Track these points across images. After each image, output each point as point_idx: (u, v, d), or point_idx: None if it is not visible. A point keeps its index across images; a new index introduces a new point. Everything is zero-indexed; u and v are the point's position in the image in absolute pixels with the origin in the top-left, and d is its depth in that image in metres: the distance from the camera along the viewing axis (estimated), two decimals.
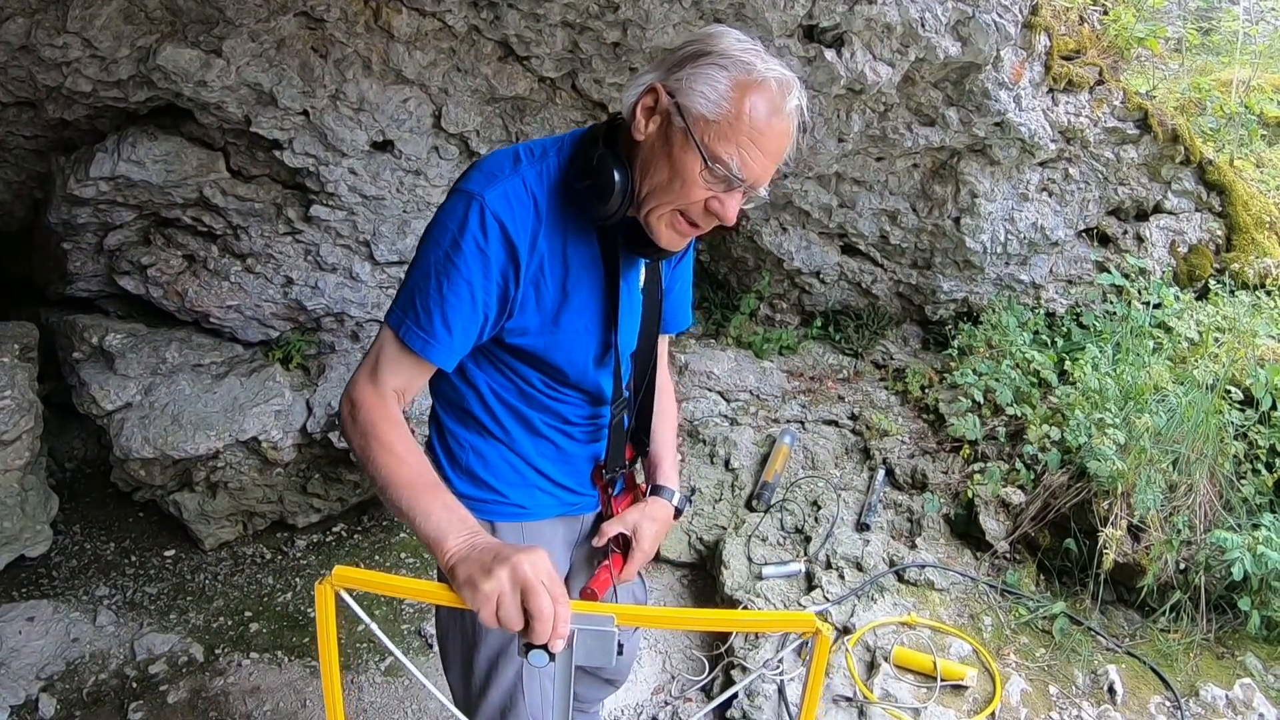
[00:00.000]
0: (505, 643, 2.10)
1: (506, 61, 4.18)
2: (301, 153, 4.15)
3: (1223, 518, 3.71)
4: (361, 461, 1.80)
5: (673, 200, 1.78)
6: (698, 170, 1.72)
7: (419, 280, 1.84)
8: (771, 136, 1.74)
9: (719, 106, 1.69)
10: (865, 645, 3.61)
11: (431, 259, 1.83)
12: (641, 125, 1.77)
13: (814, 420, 5.16)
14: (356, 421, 1.82)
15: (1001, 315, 5.06)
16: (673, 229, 1.84)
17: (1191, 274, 4.99)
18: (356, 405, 1.83)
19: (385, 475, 1.74)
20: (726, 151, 1.71)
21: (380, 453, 1.76)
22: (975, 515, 4.13)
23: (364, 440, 1.79)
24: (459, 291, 1.81)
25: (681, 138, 1.72)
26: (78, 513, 5.05)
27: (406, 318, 1.84)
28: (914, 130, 4.55)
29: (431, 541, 1.65)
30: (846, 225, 5.23)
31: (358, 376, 1.88)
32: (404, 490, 1.72)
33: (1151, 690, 3.47)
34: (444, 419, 2.16)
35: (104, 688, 3.82)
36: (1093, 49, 4.62)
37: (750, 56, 1.71)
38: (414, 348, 1.84)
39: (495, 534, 2.09)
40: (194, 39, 3.63)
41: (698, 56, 1.73)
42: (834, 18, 3.83)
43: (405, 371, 1.88)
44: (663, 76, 1.75)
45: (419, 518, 1.68)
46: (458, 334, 1.86)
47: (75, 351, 4.64)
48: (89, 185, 4.07)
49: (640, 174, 1.80)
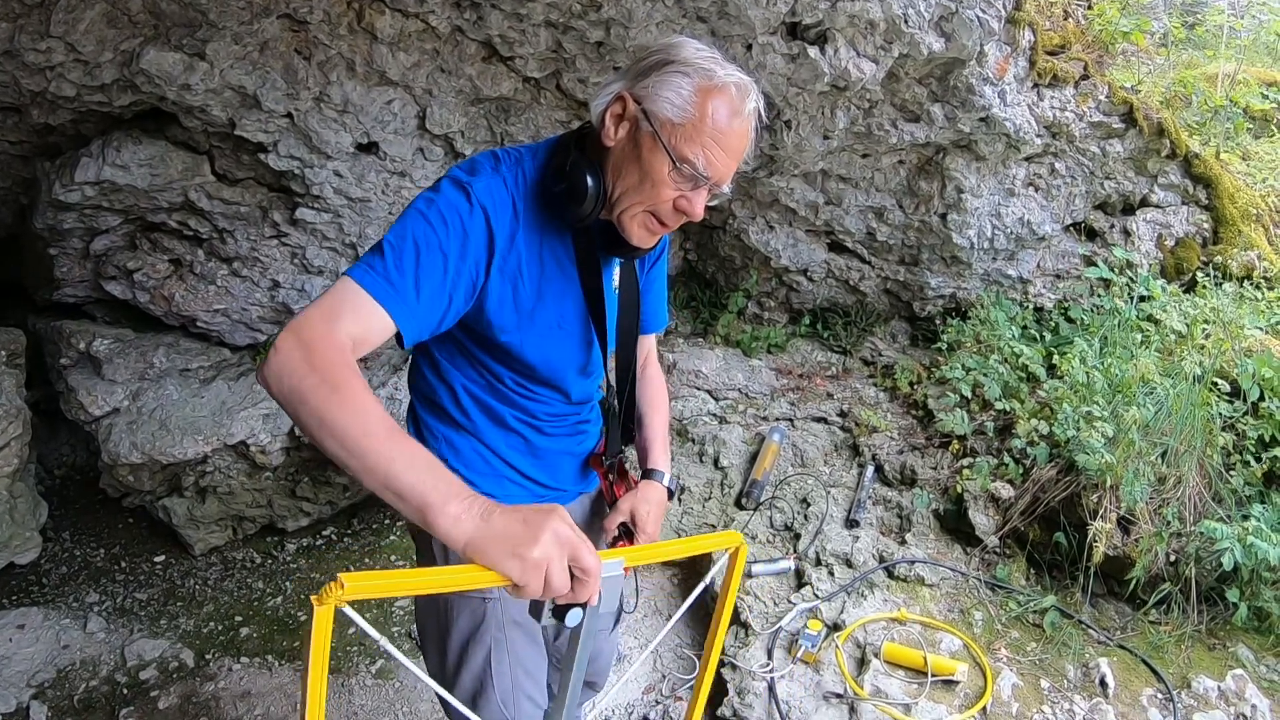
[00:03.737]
0: (474, 626, 2.14)
1: (490, 62, 4.18)
2: (286, 155, 4.15)
3: (1212, 509, 3.71)
4: (312, 411, 1.53)
5: (644, 200, 1.89)
6: (666, 171, 1.84)
7: (394, 241, 1.76)
8: (733, 137, 1.85)
9: (684, 111, 1.80)
10: (855, 642, 3.60)
11: (410, 225, 1.78)
12: (611, 131, 1.87)
13: (803, 418, 5.16)
14: (313, 364, 1.55)
15: (989, 310, 5.07)
16: (644, 228, 1.95)
17: (1179, 267, 5.00)
18: (311, 346, 1.57)
19: (347, 425, 1.51)
20: (692, 152, 1.82)
21: (343, 399, 1.53)
22: (965, 510, 4.13)
23: (319, 384, 1.53)
24: (434, 260, 1.77)
25: (650, 141, 1.83)
26: (67, 519, 5.03)
27: (374, 270, 1.72)
28: (899, 127, 4.55)
29: (422, 504, 1.45)
30: (833, 222, 5.24)
31: (309, 318, 1.64)
32: (374, 442, 1.50)
33: (1143, 682, 3.46)
34: (420, 412, 2.19)
35: (95, 694, 3.81)
36: (1077, 44, 4.63)
37: (710, 64, 1.83)
38: (378, 298, 1.69)
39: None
40: (177, 42, 3.63)
41: (662, 65, 1.84)
42: (817, 14, 3.84)
43: (364, 322, 1.69)
44: (629, 85, 1.86)
45: (401, 472, 1.48)
46: (424, 301, 1.76)
47: (63, 357, 4.63)
48: (74, 190, 4.06)
49: (612, 177, 1.90)
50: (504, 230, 1.88)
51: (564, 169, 1.89)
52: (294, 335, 1.59)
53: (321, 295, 1.71)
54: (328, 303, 1.67)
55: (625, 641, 4.05)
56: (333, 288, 1.71)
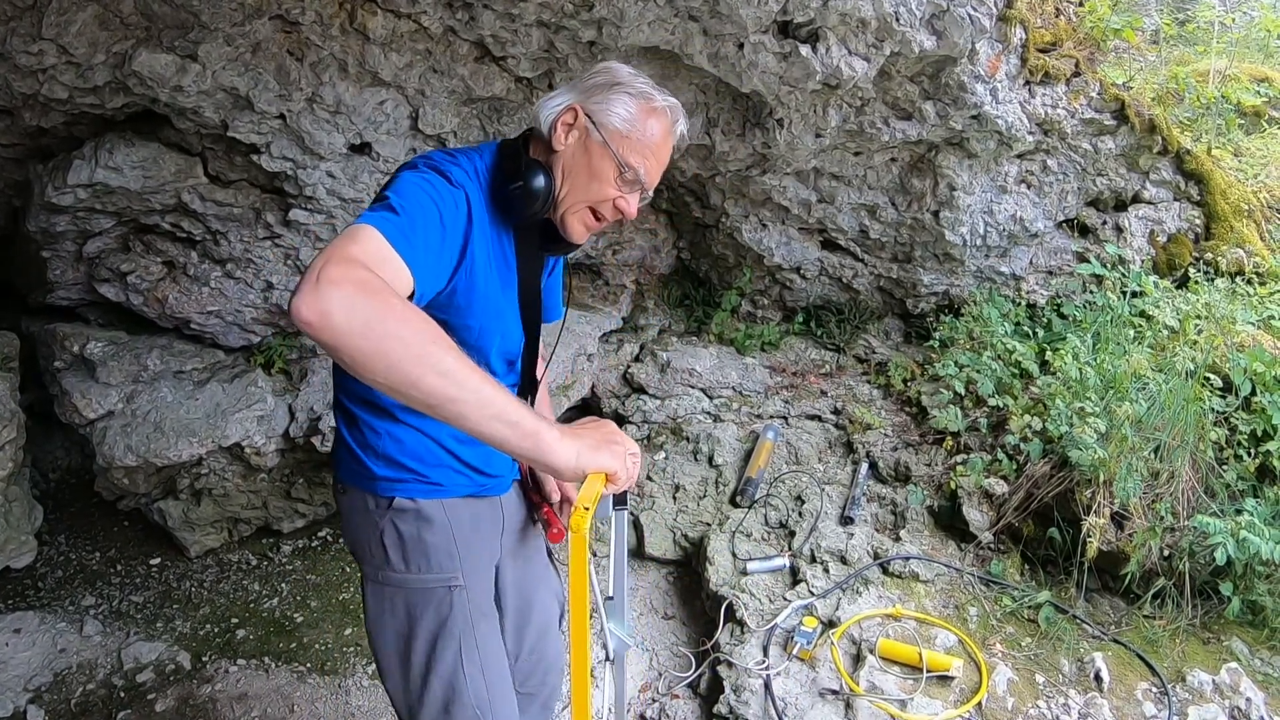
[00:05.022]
0: (440, 620, 2.20)
1: (483, 62, 4.18)
2: (279, 156, 4.15)
3: (1205, 503, 3.72)
4: (407, 348, 1.53)
5: (589, 198, 2.14)
6: (613, 175, 2.12)
7: (403, 204, 1.79)
8: (664, 151, 2.18)
9: (630, 124, 2.10)
10: (850, 638, 3.61)
11: (410, 192, 1.85)
12: (561, 137, 2.11)
13: (797, 415, 5.17)
14: (387, 303, 1.54)
15: (982, 307, 5.08)
16: (583, 224, 2.19)
17: (1171, 263, 5.01)
18: (369, 285, 1.54)
19: (452, 364, 1.57)
20: (635, 160, 2.11)
21: (437, 337, 1.58)
22: (959, 506, 4.15)
23: (405, 322, 1.54)
24: (435, 228, 1.86)
25: (600, 148, 2.10)
26: (62, 523, 5.03)
27: (392, 225, 1.72)
28: (891, 124, 4.56)
29: (535, 430, 1.65)
30: (826, 220, 5.24)
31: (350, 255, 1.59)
32: (479, 378, 1.60)
33: (1138, 677, 3.47)
34: (354, 410, 2.20)
35: (92, 698, 3.81)
36: (1069, 41, 4.64)
37: (650, 89, 2.14)
38: (402, 253, 1.70)
39: (420, 512, 2.19)
40: (169, 44, 3.62)
41: (610, 85, 2.12)
42: (808, 13, 3.84)
43: (392, 273, 1.67)
44: (579, 99, 2.11)
45: (509, 405, 1.64)
46: (435, 264, 1.85)
47: (56, 360, 4.62)
48: (67, 193, 4.05)
49: (561, 177, 2.13)
50: (477, 220, 2.00)
51: (518, 170, 2.06)
52: (343, 268, 1.54)
53: (343, 238, 1.65)
54: (361, 246, 1.64)
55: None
56: (354, 233, 1.67)
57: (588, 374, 5.38)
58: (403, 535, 2.19)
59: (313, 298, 1.49)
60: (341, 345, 1.50)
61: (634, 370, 5.50)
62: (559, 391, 5.13)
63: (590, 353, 5.39)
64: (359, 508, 2.23)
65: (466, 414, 1.59)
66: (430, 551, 2.19)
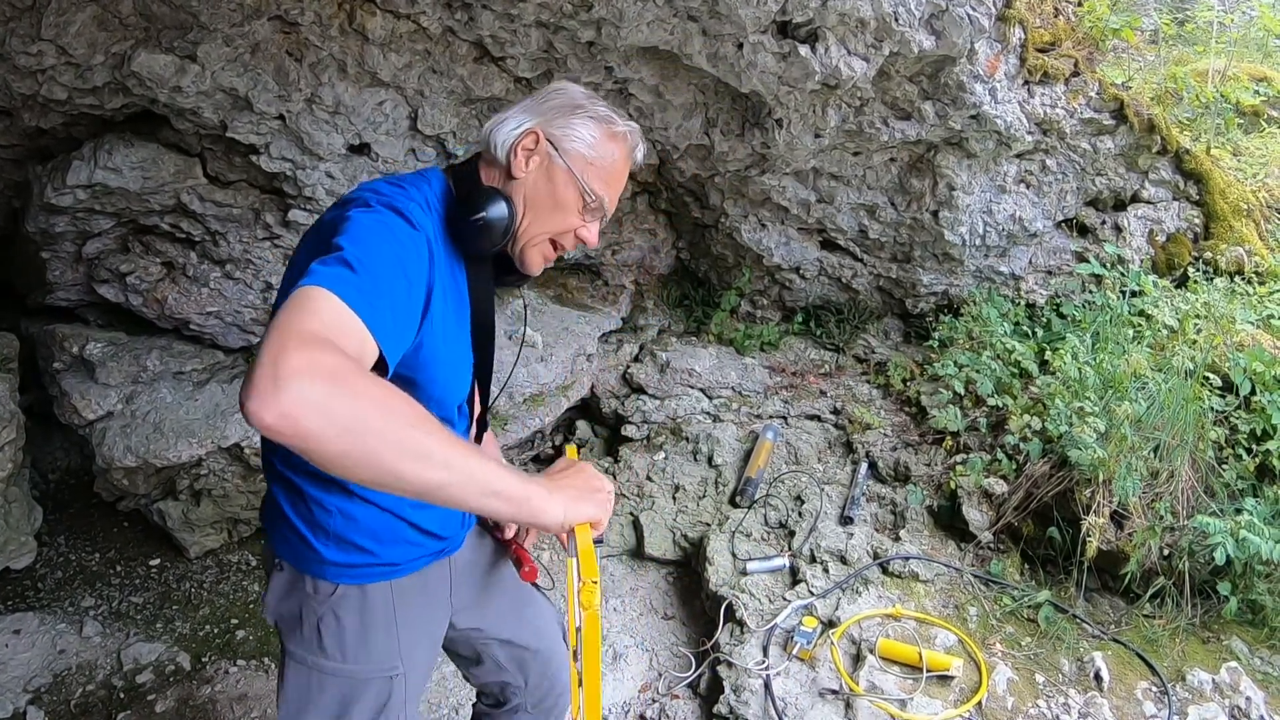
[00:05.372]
0: (377, 711, 2.08)
1: (482, 62, 4.18)
2: (278, 157, 4.15)
3: (1205, 503, 3.72)
4: (387, 440, 1.34)
5: (552, 229, 2.01)
6: (578, 204, 1.99)
7: (360, 256, 1.54)
8: (624, 177, 2.08)
9: (594, 150, 1.98)
10: (850, 638, 3.61)
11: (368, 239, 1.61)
12: (522, 164, 1.96)
13: (796, 415, 5.17)
14: (344, 386, 1.31)
15: (982, 307, 5.08)
16: (543, 256, 2.06)
17: (1170, 262, 5.01)
18: (336, 372, 1.32)
19: (433, 444, 1.40)
20: (599, 187, 2.00)
21: (417, 417, 1.40)
22: (958, 506, 4.15)
23: (380, 408, 1.35)
24: (400, 282, 1.63)
25: (564, 175, 1.96)
26: (62, 524, 5.02)
27: (350, 285, 1.48)
28: (890, 124, 4.56)
29: (524, 496, 1.56)
30: (825, 220, 5.24)
31: (301, 335, 1.34)
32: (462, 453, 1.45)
33: (1138, 676, 3.48)
34: (297, 482, 1.95)
35: (91, 699, 3.80)
36: (1068, 41, 4.64)
37: (610, 112, 2.02)
38: (365, 318, 1.46)
39: (365, 598, 2.02)
40: (168, 44, 3.63)
41: (571, 108, 1.99)
42: (807, 13, 3.84)
43: (357, 346, 1.45)
44: (539, 123, 1.97)
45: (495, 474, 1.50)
46: (402, 326, 1.61)
47: (56, 361, 4.62)
48: (66, 193, 4.06)
49: (522, 207, 1.98)
50: (436, 258, 1.80)
51: (476, 200, 1.90)
52: (305, 354, 1.31)
53: (295, 307, 1.41)
54: (318, 318, 1.40)
55: (621, 640, 4.06)
56: (308, 300, 1.42)
57: (587, 374, 5.37)
58: (344, 625, 2.01)
59: (273, 399, 1.26)
60: (314, 450, 1.31)
61: (633, 370, 5.50)
62: (558, 392, 5.13)
63: (590, 353, 5.39)
64: (297, 589, 2.03)
65: (456, 496, 1.46)
66: (372, 642, 2.04)
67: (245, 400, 1.26)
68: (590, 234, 2.05)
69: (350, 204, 1.75)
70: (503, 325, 5.01)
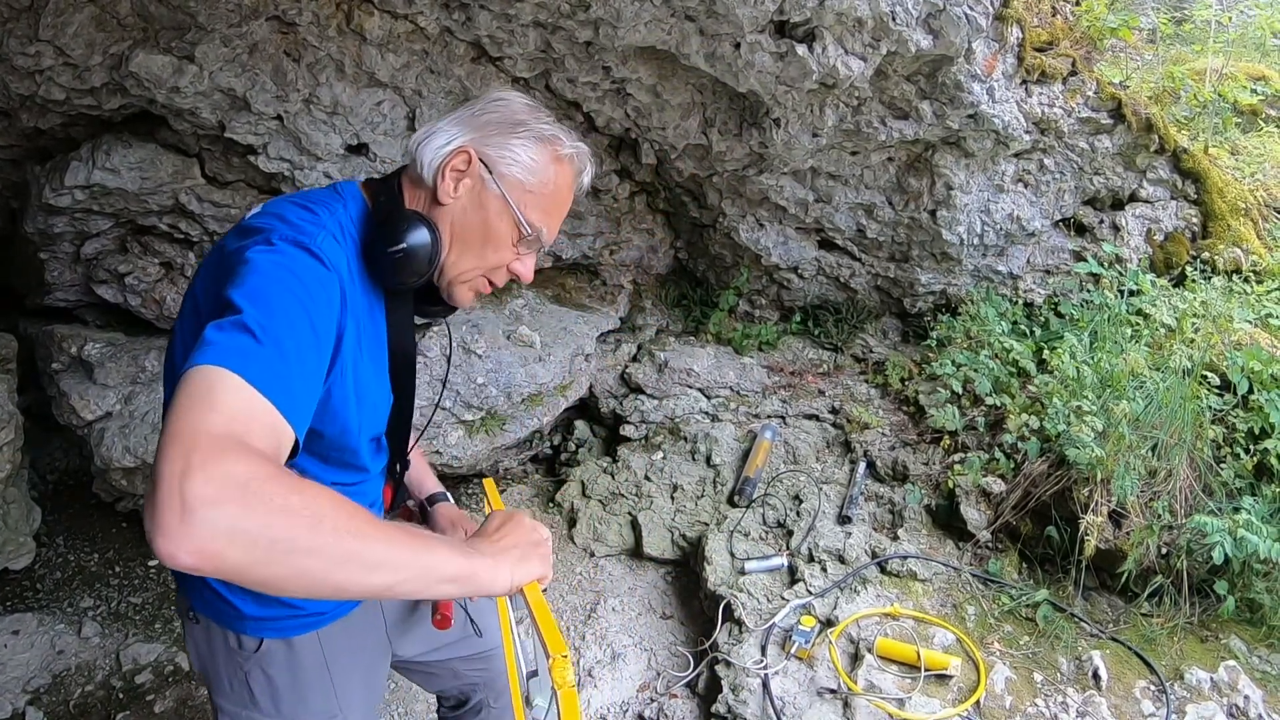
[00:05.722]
0: None
1: (479, 63, 4.18)
2: (276, 157, 4.15)
3: (1203, 502, 3.73)
4: (322, 557, 1.19)
5: (482, 265, 1.79)
6: (512, 237, 1.77)
7: (261, 320, 1.34)
8: (567, 206, 1.85)
9: (535, 176, 1.74)
10: (849, 637, 3.62)
11: (270, 293, 1.40)
12: (450, 188, 1.72)
13: (795, 415, 5.17)
14: (264, 502, 1.14)
15: (980, 306, 5.08)
16: (474, 291, 1.85)
17: (1168, 261, 5.02)
18: (248, 489, 1.13)
19: (372, 549, 1.25)
20: (539, 219, 1.77)
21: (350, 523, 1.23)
22: (956, 505, 4.15)
23: (298, 523, 1.17)
24: (307, 341, 1.43)
25: (498, 204, 1.73)
26: (61, 524, 5.01)
27: (255, 360, 1.29)
28: (888, 124, 4.56)
29: (470, 575, 1.42)
30: (823, 220, 5.24)
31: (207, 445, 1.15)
32: (404, 548, 1.31)
33: (1136, 675, 3.48)
34: None
35: (90, 699, 3.81)
36: (1065, 40, 4.64)
37: (557, 131, 1.78)
38: (274, 399, 1.28)
39: (292, 652, 1.89)
40: (166, 45, 3.63)
41: (511, 125, 1.75)
42: (805, 12, 3.84)
43: (271, 437, 1.28)
44: (472, 140, 1.73)
45: (442, 560, 1.38)
46: (309, 397, 1.42)
47: (54, 362, 4.62)
48: (64, 194, 4.06)
49: (449, 237, 1.75)
50: (349, 296, 1.59)
51: (396, 228, 1.68)
52: (212, 470, 1.12)
53: (192, 399, 1.22)
54: (222, 414, 1.21)
55: (619, 639, 4.06)
56: (207, 389, 1.24)
57: (585, 374, 5.37)
58: (274, 681, 1.88)
59: (184, 535, 1.08)
60: (242, 579, 1.16)
61: (631, 370, 5.50)
62: (556, 392, 5.13)
63: (588, 353, 5.39)
64: (218, 644, 1.88)
65: (403, 592, 1.35)
66: (307, 695, 1.93)
67: (153, 536, 1.09)
68: (525, 269, 1.84)
69: (252, 235, 1.54)
70: (501, 325, 5.02)
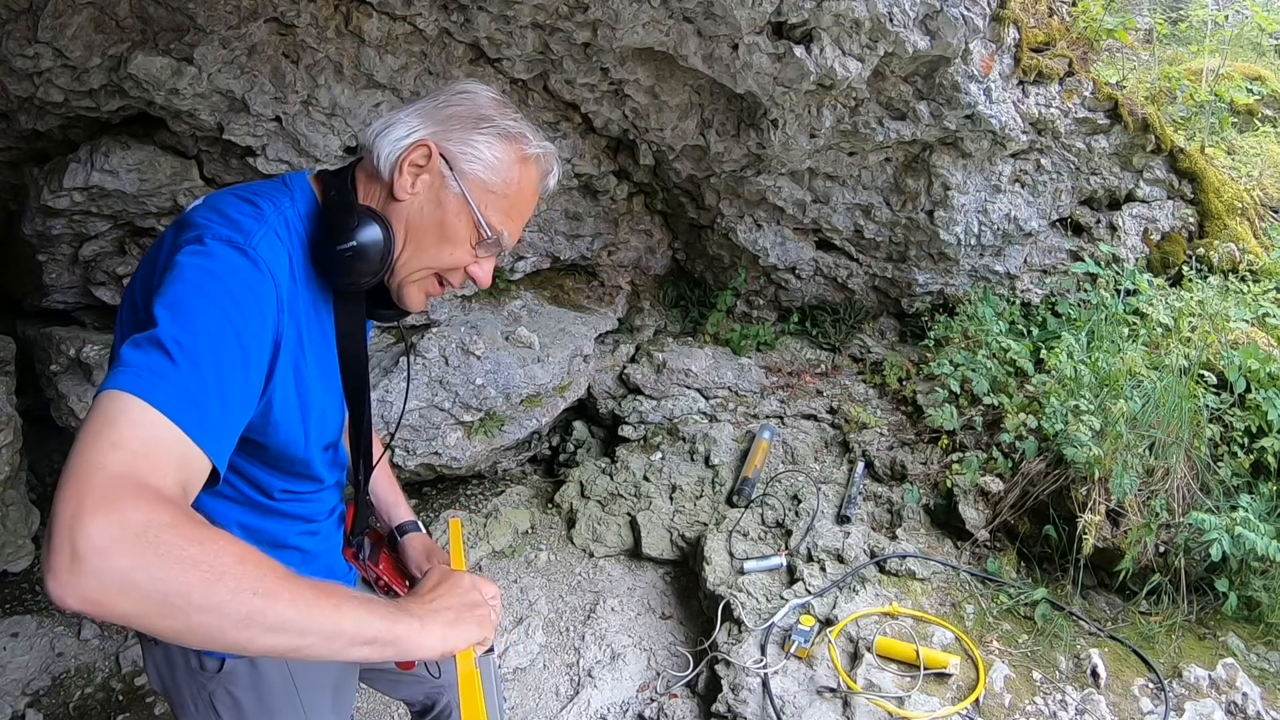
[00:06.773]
0: None
1: (478, 64, 4.19)
2: (275, 159, 4.15)
3: (1200, 500, 3.73)
4: (224, 613, 1.12)
5: (437, 265, 1.70)
6: (470, 238, 1.68)
7: (180, 337, 1.27)
8: (530, 208, 1.76)
9: (498, 176, 1.66)
10: (848, 636, 3.62)
11: (193, 307, 1.32)
12: (407, 184, 1.63)
13: (793, 415, 5.18)
14: (160, 553, 1.07)
15: (977, 306, 5.09)
16: (424, 292, 1.76)
17: (1165, 261, 5.03)
18: (144, 538, 1.06)
19: (281, 607, 1.17)
20: (500, 221, 1.68)
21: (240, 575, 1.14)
22: (955, 504, 4.16)
23: (195, 578, 1.09)
24: (234, 358, 1.35)
25: (457, 203, 1.65)
26: None
27: (168, 384, 1.22)
28: (885, 124, 4.57)
29: (393, 639, 1.34)
30: (821, 220, 5.25)
31: (104, 484, 1.09)
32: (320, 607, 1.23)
33: (1135, 673, 3.48)
34: None
35: (90, 701, 3.80)
36: (1062, 41, 4.65)
37: (524, 128, 1.69)
38: (188, 428, 1.21)
39: (257, 672, 1.82)
40: (165, 47, 3.63)
41: (474, 120, 1.66)
42: (802, 14, 3.85)
43: (183, 469, 1.21)
44: (433, 134, 1.64)
45: (362, 621, 1.29)
46: (231, 419, 1.34)
47: (53, 364, 4.61)
48: (63, 196, 4.06)
49: (403, 234, 1.66)
50: (288, 299, 1.51)
51: (347, 224, 1.59)
52: (108, 517, 1.06)
53: (96, 431, 1.15)
54: (126, 449, 1.14)
55: (619, 639, 4.07)
56: (111, 419, 1.17)
57: (583, 375, 5.38)
58: (240, 702, 1.82)
59: (72, 582, 1.03)
60: (136, 627, 1.10)
61: (630, 371, 5.51)
62: (555, 392, 5.13)
63: (586, 354, 5.40)
64: (178, 664, 1.80)
65: (314, 655, 1.24)
66: (275, 713, 1.86)
67: (45, 578, 1.04)
68: (482, 272, 1.74)
69: (187, 231, 1.46)
70: (499, 326, 5.02)
